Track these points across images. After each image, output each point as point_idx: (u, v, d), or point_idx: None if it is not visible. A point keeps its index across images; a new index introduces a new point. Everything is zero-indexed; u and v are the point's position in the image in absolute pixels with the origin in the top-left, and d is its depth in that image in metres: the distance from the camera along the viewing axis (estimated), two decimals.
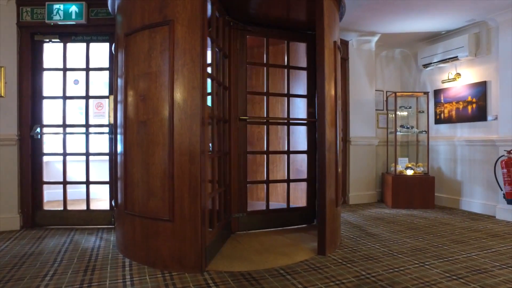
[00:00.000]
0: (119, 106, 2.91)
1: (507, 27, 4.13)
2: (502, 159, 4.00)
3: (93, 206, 3.84)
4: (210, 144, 2.83)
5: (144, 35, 2.61)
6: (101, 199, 4.23)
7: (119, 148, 2.90)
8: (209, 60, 2.69)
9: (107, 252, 2.89)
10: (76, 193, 4.36)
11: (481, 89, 4.55)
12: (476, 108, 4.61)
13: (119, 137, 2.92)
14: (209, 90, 2.73)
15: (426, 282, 2.24)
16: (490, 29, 4.42)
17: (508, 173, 3.92)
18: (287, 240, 3.19)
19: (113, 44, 3.71)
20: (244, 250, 2.90)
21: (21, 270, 2.47)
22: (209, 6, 2.73)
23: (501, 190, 4.05)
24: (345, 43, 5.07)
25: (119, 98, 2.90)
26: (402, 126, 5.24)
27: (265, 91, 3.62)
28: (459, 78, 4.83)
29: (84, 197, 3.83)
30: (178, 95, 2.47)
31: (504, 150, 4.02)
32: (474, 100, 4.65)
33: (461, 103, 4.83)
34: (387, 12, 4.18)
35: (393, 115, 5.04)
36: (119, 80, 2.91)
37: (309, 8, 3.14)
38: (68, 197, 3.86)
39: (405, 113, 5.43)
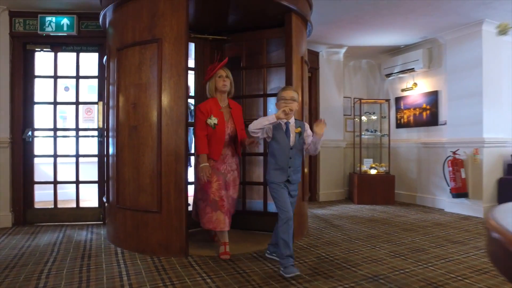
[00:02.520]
0: (111, 112, 3.26)
1: (453, 44, 4.74)
2: (449, 159, 4.59)
3: (81, 205, 4.14)
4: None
5: (135, 50, 2.98)
6: (86, 200, 4.50)
7: (111, 150, 3.24)
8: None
9: (99, 243, 3.22)
10: (64, 194, 4.60)
11: (433, 97, 5.16)
12: (430, 114, 5.21)
13: (110, 140, 3.26)
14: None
15: (373, 260, 2.72)
16: (441, 45, 5.03)
17: (453, 171, 4.51)
18: (263, 235, 3.61)
19: (101, 53, 4.06)
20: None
21: (23, 259, 2.77)
22: None
23: (448, 186, 4.64)
24: (315, 54, 5.56)
25: (111, 104, 3.26)
26: (367, 130, 5.79)
27: (242, 94, 4.01)
28: (416, 87, 5.43)
29: (71, 198, 4.12)
30: (165, 103, 2.86)
31: (450, 151, 4.61)
32: (428, 107, 5.25)
33: (417, 109, 5.42)
34: (352, 28, 4.70)
35: (359, 120, 5.58)
36: (111, 88, 3.26)
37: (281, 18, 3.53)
38: (58, 197, 4.14)
39: (372, 118, 5.98)
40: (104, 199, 3.51)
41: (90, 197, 4.44)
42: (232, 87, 2.94)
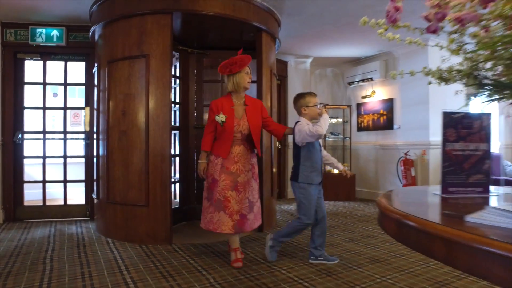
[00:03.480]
0: (101, 117, 3.65)
1: (404, 57, 5.43)
2: (401, 159, 5.26)
3: (68, 202, 4.46)
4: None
5: (124, 64, 3.39)
6: (73, 197, 4.79)
7: (101, 151, 3.62)
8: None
9: (90, 235, 3.60)
10: (51, 192, 4.88)
11: (389, 104, 5.83)
12: (386, 119, 5.88)
13: (101, 142, 3.64)
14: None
15: (331, 244, 3.26)
16: (395, 58, 5.70)
17: (404, 169, 5.18)
18: None
19: (87, 62, 4.42)
20: (200, 230, 3.75)
21: (24, 249, 3.11)
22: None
23: (401, 182, 5.30)
24: (284, 63, 6.11)
25: (101, 109, 3.64)
26: (331, 133, 6.40)
27: None
28: (374, 95, 6.09)
29: (58, 196, 4.43)
30: (152, 111, 3.28)
31: (403, 152, 5.28)
32: (384, 113, 5.92)
33: (376, 115, 6.08)
34: (316, 42, 5.27)
35: None
36: (101, 96, 3.64)
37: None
38: (46, 195, 4.44)
39: (336, 122, 6.60)
40: (94, 196, 3.88)
41: (76, 195, 4.75)
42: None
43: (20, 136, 4.33)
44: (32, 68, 4.62)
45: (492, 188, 1.29)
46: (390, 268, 2.57)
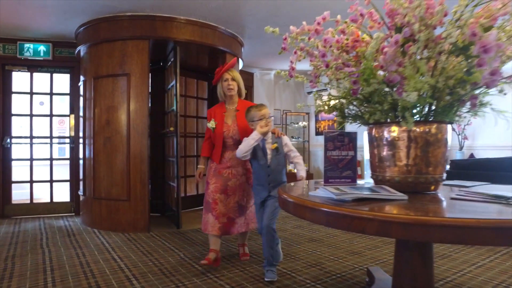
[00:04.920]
0: (87, 124, 4.20)
1: None
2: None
3: (54, 200, 4.96)
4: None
5: (108, 80, 3.99)
6: (57, 196, 5.27)
7: (87, 154, 4.19)
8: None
9: (78, 227, 4.15)
10: (37, 193, 5.35)
11: None
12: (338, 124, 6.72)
13: (87, 146, 4.21)
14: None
15: (283, 230, 3.99)
16: None
17: None
18: None
19: (72, 75, 4.94)
20: (173, 221, 4.40)
21: (20, 238, 3.63)
22: None
23: None
24: (250, 75, 6.83)
25: (87, 117, 4.20)
26: (292, 137, 7.19)
27: (191, 114, 5.17)
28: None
29: (44, 195, 4.92)
30: (132, 121, 3.90)
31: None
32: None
33: (330, 121, 6.92)
34: (277, 58, 6.01)
35: (287, 128, 6.96)
36: (87, 106, 4.20)
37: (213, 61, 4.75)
38: (24, 196, 4.92)
39: (297, 126, 7.40)
40: (81, 193, 4.42)
41: (62, 193, 5.23)
42: (242, 88, 2.83)
43: (8, 140, 4.79)
44: (20, 79, 5.06)
45: (359, 180, 2.04)
46: (323, 245, 3.32)
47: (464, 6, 1.30)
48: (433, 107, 1.52)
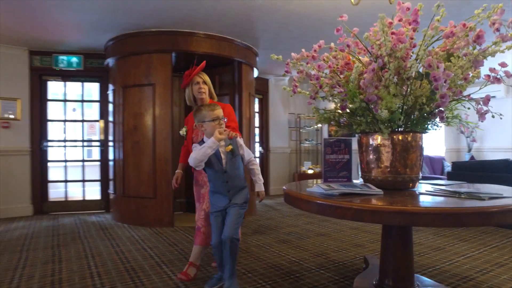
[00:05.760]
0: (116, 129, 4.67)
1: None
2: None
3: (86, 198, 5.47)
4: None
5: (135, 89, 4.44)
6: (89, 195, 5.79)
7: (117, 156, 4.66)
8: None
9: (109, 222, 4.62)
10: (70, 191, 5.89)
11: None
12: None
13: (116, 149, 4.68)
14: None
15: (293, 225, 4.35)
16: None
17: None
18: None
19: (101, 84, 5.43)
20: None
21: (61, 231, 4.12)
22: None
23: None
24: (265, 81, 7.21)
25: (116, 123, 4.67)
26: (306, 140, 7.52)
27: None
28: None
29: (76, 194, 5.44)
30: (157, 126, 4.34)
31: None
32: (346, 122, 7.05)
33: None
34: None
35: (299, 132, 7.30)
36: (116, 112, 4.67)
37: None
38: (59, 194, 5.45)
39: (310, 129, 7.72)
40: (111, 192, 4.90)
41: (93, 192, 5.75)
42: (212, 92, 2.73)
43: (45, 144, 5.33)
44: (54, 88, 5.61)
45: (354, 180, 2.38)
46: (330, 238, 3.66)
47: (426, 42, 1.64)
48: (409, 120, 1.85)
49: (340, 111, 2.12)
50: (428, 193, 1.76)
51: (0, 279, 2.57)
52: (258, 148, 7.06)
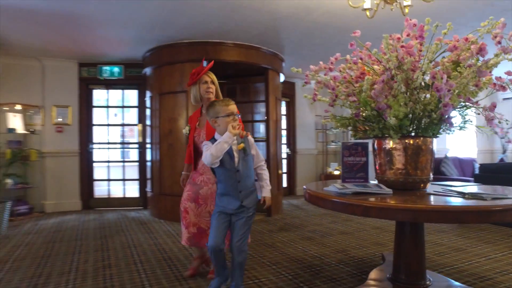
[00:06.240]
0: (153, 133, 5.08)
1: None
2: None
3: (126, 195, 5.94)
4: None
5: (170, 96, 4.82)
6: (128, 192, 6.28)
7: (154, 157, 5.06)
8: None
9: (147, 218, 5.03)
10: (112, 189, 6.41)
11: None
12: None
13: (153, 151, 5.08)
14: None
15: (317, 224, 4.53)
16: None
17: None
18: None
19: (139, 91, 5.87)
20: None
21: (105, 224, 4.56)
22: None
23: None
24: (292, 84, 7.41)
25: (153, 126, 5.07)
26: (332, 141, 7.64)
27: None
28: None
29: (117, 192, 5.92)
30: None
31: None
32: None
33: None
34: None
35: (325, 134, 7.44)
36: (153, 117, 5.08)
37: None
38: (103, 192, 5.95)
39: (337, 131, 7.83)
40: (149, 190, 5.32)
41: (132, 190, 6.23)
42: (219, 93, 2.69)
43: (90, 146, 5.86)
44: (98, 95, 6.14)
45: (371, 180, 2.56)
46: (353, 237, 3.82)
47: (432, 54, 1.81)
48: (419, 125, 2.02)
49: (352, 119, 2.31)
50: (435, 193, 1.92)
51: (63, 262, 3.02)
52: (285, 150, 7.27)
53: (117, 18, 3.95)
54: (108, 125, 5.95)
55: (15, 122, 5.15)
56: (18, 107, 5.24)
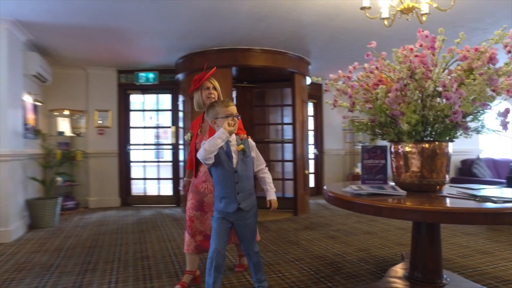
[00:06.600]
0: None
1: None
2: None
3: (161, 193, 6.32)
4: None
5: None
6: (163, 191, 6.67)
7: (187, 158, 5.36)
8: None
9: (180, 215, 5.35)
10: (148, 187, 6.83)
11: None
12: None
13: (186, 152, 5.40)
14: None
15: (343, 223, 4.64)
16: None
17: None
18: (280, 211, 5.62)
19: (172, 95, 6.22)
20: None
21: (142, 220, 4.93)
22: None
23: None
24: (319, 85, 7.48)
25: (186, 127, 5.39)
26: (360, 142, 7.65)
27: (266, 122, 6.09)
28: None
29: (152, 190, 6.31)
30: None
31: None
32: None
33: None
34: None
35: (355, 134, 7.47)
36: (186, 120, 5.40)
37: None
38: (139, 190, 6.36)
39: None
40: (181, 189, 5.65)
41: (166, 189, 6.61)
42: (221, 98, 2.64)
43: (128, 147, 6.29)
44: (135, 99, 6.57)
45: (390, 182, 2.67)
46: (376, 237, 3.91)
47: (446, 63, 1.91)
48: (433, 130, 2.12)
49: (369, 124, 2.44)
50: (448, 196, 2.02)
51: (107, 252, 3.38)
52: (312, 150, 7.39)
53: (152, 30, 4.28)
54: (144, 127, 6.35)
55: (64, 125, 5.66)
56: (66, 112, 5.76)
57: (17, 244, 3.70)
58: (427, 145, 2.13)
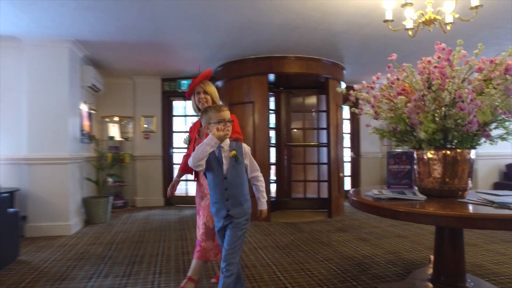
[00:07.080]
0: None
1: None
2: None
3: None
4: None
5: (239, 106, 5.38)
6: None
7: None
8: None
9: None
10: (182, 189, 7.25)
11: None
12: None
13: None
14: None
15: (375, 226, 4.68)
16: None
17: None
18: (315, 212, 5.76)
19: None
20: (290, 215, 5.54)
21: (184, 218, 5.31)
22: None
23: None
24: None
25: None
26: (398, 145, 7.52)
27: (302, 126, 6.26)
28: None
29: (188, 192, 6.70)
30: (257, 135, 5.19)
31: None
32: None
33: None
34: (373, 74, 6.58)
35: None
36: None
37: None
38: (181, 191, 6.77)
39: None
40: None
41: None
42: (216, 102, 2.63)
43: (171, 150, 6.74)
44: (177, 105, 7.02)
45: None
46: (408, 240, 3.93)
47: (465, 73, 2.00)
48: (454, 138, 2.19)
49: (391, 132, 2.54)
50: (467, 201, 2.09)
51: (152, 247, 3.75)
52: (348, 153, 7.41)
53: (193, 42, 4.63)
54: (186, 131, 6.77)
55: (114, 131, 6.22)
56: (116, 118, 6.32)
57: (76, 237, 4.21)
58: (448, 152, 2.21)
